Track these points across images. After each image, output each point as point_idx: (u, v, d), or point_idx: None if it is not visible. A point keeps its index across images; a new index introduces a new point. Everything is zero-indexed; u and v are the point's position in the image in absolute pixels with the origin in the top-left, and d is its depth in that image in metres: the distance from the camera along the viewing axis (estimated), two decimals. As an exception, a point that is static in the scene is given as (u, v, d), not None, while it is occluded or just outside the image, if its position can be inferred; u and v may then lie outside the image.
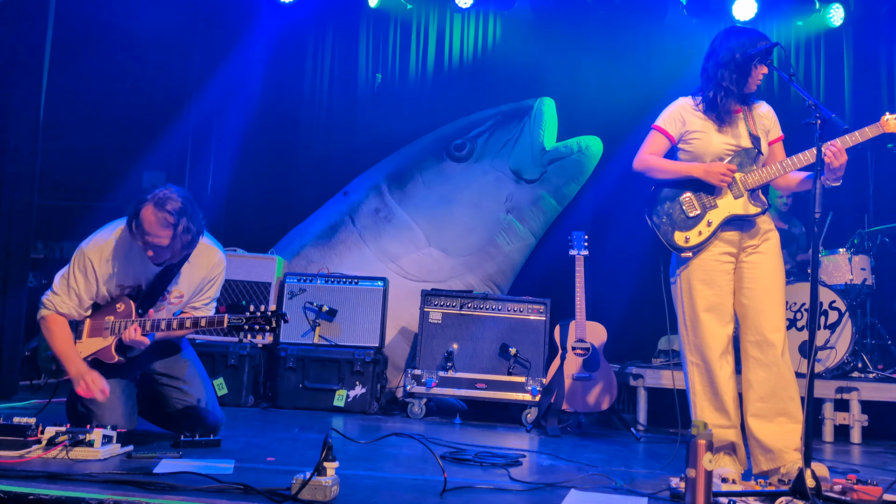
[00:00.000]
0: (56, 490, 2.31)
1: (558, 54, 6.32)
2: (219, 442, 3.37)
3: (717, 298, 3.19)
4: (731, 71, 3.17)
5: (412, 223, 6.38)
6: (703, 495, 2.41)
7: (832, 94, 6.10)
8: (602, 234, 5.51)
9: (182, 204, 3.15)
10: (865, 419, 4.86)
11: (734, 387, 3.21)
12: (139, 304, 3.29)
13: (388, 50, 6.56)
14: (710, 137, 3.23)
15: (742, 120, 3.26)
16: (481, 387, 4.96)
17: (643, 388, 5.18)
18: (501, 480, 2.95)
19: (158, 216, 3.09)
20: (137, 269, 3.31)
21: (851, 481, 2.77)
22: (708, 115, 3.25)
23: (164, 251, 3.16)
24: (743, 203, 3.20)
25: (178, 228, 3.12)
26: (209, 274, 3.44)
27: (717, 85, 3.21)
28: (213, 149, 6.38)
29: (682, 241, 3.23)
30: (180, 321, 3.20)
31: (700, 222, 3.22)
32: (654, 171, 3.30)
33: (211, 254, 3.44)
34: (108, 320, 3.28)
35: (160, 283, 3.34)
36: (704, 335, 3.19)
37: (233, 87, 6.30)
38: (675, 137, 3.31)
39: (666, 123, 3.32)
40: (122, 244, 3.28)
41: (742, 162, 3.22)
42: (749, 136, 3.24)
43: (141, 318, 3.21)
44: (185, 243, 3.19)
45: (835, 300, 5.12)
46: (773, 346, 3.12)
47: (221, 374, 5.05)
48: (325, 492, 2.38)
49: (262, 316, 3.12)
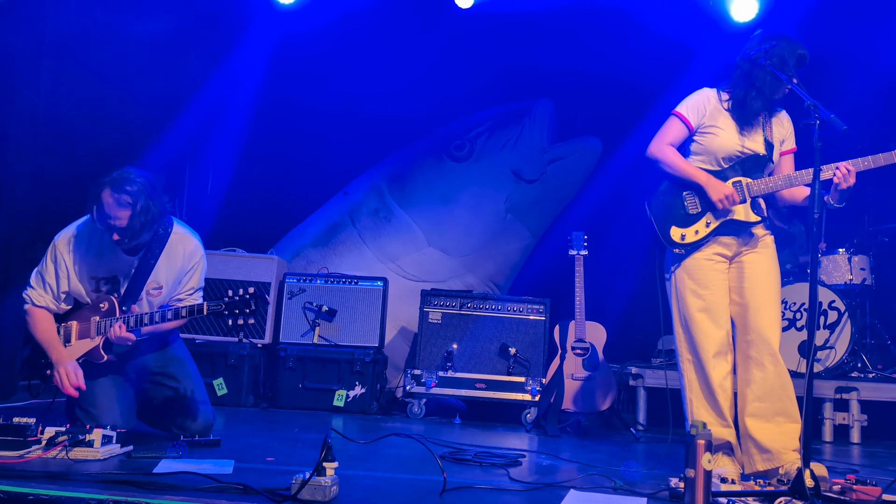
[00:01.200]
0: (56, 490, 2.31)
1: (558, 54, 6.32)
2: (219, 442, 3.38)
3: (712, 298, 3.19)
4: (767, 73, 3.11)
5: (412, 223, 6.38)
6: (703, 495, 2.41)
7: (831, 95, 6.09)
8: (602, 234, 5.51)
9: (140, 185, 3.17)
10: (865, 419, 4.86)
11: (729, 387, 3.20)
12: (121, 300, 3.30)
13: (388, 50, 6.55)
14: (726, 136, 3.21)
15: (761, 125, 3.24)
16: (481, 387, 4.96)
17: (643, 388, 5.18)
18: (501, 480, 2.95)
19: (115, 196, 3.13)
20: (109, 259, 3.32)
21: (850, 481, 2.77)
22: (732, 112, 3.22)
23: (125, 232, 3.17)
24: (744, 209, 3.19)
25: (136, 208, 3.14)
26: (187, 263, 3.44)
27: (748, 85, 3.16)
28: (212, 149, 6.38)
29: (678, 237, 3.22)
30: (162, 313, 3.23)
31: (699, 221, 3.21)
32: (666, 164, 3.27)
33: (187, 242, 3.44)
34: (94, 321, 3.30)
35: (138, 277, 3.34)
36: (698, 335, 3.19)
37: (232, 87, 6.30)
38: (694, 127, 3.27)
39: (688, 111, 3.27)
40: (88, 233, 3.31)
41: (751, 168, 3.20)
42: (764, 143, 3.22)
43: (124, 315, 3.23)
44: (144, 223, 3.19)
45: (834, 300, 5.12)
46: (769, 345, 3.11)
47: (221, 374, 5.05)
48: (325, 492, 2.38)
49: (240, 300, 3.14)
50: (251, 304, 3.17)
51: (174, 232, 3.39)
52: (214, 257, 5.42)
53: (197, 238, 3.50)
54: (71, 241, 3.31)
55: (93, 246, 3.31)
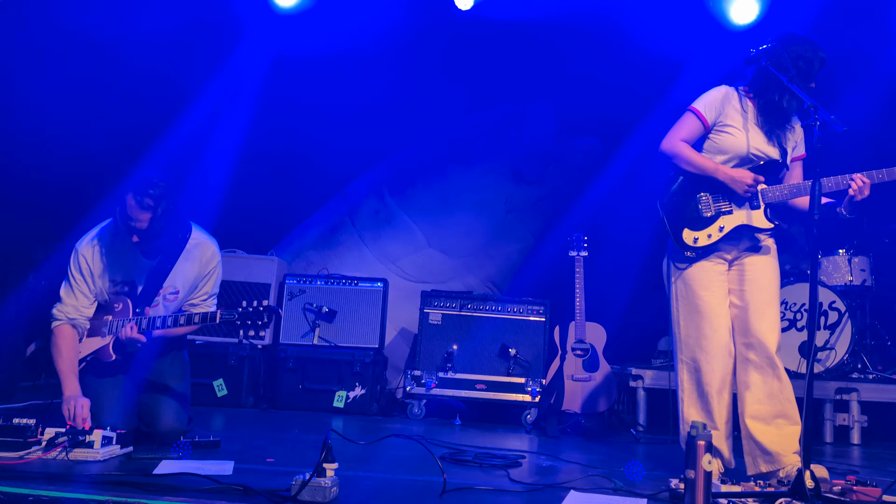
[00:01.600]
0: (56, 491, 2.31)
1: (558, 54, 6.32)
2: (219, 443, 3.38)
3: (710, 300, 3.17)
4: (803, 79, 3.07)
5: (412, 224, 6.38)
6: (703, 496, 2.41)
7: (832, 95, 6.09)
8: (602, 235, 5.51)
9: (162, 188, 3.20)
10: (865, 420, 4.86)
11: (725, 389, 3.16)
12: (136, 302, 3.31)
13: (389, 51, 6.55)
14: (744, 137, 3.15)
15: (779, 130, 3.20)
16: (481, 388, 4.96)
17: (643, 389, 5.18)
18: (501, 482, 2.96)
19: (138, 199, 3.16)
20: (129, 262, 3.34)
21: (851, 482, 2.77)
22: (762, 115, 3.15)
23: (145, 234, 3.20)
24: (758, 215, 3.15)
25: (158, 211, 3.18)
26: (203, 269, 3.46)
27: (783, 89, 3.06)
28: (213, 149, 6.37)
29: (691, 240, 3.17)
30: (175, 318, 3.23)
31: (712, 225, 3.16)
32: (681, 159, 3.19)
33: (205, 248, 3.47)
34: (107, 320, 3.32)
35: (155, 280, 3.36)
36: (695, 336, 3.18)
37: (233, 87, 6.29)
38: (710, 124, 3.19)
39: (706, 108, 3.20)
40: (110, 236, 3.33)
41: (766, 174, 3.15)
42: (779, 149, 3.19)
43: (137, 317, 3.24)
44: (165, 226, 3.23)
45: (835, 301, 5.12)
46: (768, 348, 3.10)
47: (221, 375, 5.05)
48: (325, 493, 2.38)
49: (254, 311, 3.14)
50: (264, 316, 3.16)
51: (192, 237, 3.41)
52: (214, 258, 5.43)
53: (215, 244, 3.53)
54: (94, 246, 3.34)
55: (114, 249, 3.34)
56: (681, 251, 3.20)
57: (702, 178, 3.18)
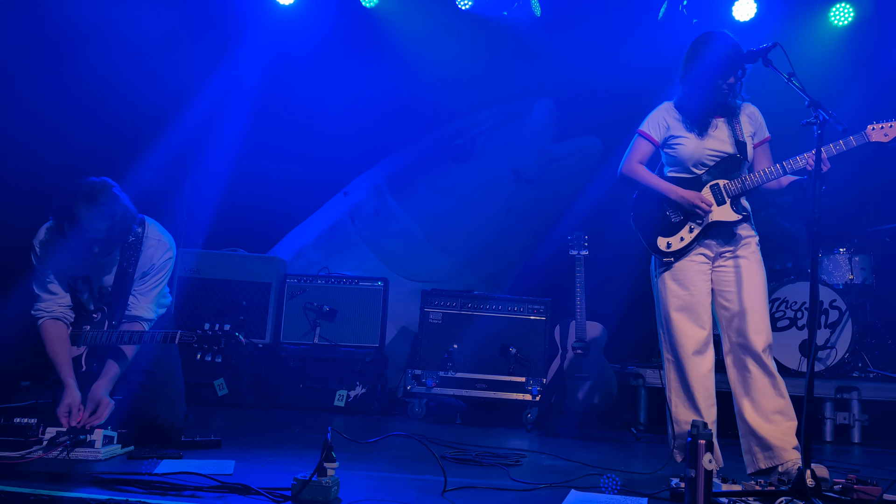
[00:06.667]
0: (57, 491, 2.31)
1: (558, 54, 6.31)
2: (219, 442, 3.38)
3: (692, 298, 3.24)
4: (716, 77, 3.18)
5: (412, 223, 6.39)
6: (703, 495, 2.41)
7: (832, 95, 6.08)
8: (602, 234, 5.50)
9: (113, 194, 3.14)
10: (865, 419, 4.86)
11: (710, 385, 3.24)
12: (109, 315, 3.30)
13: (388, 50, 6.55)
14: (693, 143, 3.28)
15: (727, 125, 3.29)
16: (481, 387, 4.96)
17: (643, 387, 5.18)
18: (501, 480, 2.96)
19: (96, 210, 3.08)
20: (80, 258, 3.25)
21: (851, 481, 2.77)
22: (683, 121, 3.30)
23: (104, 243, 3.14)
24: (725, 210, 3.24)
25: (117, 218, 3.12)
26: (156, 263, 3.38)
27: (692, 92, 3.26)
28: (213, 148, 6.37)
29: (664, 245, 3.29)
30: (132, 336, 3.19)
31: (683, 228, 3.28)
32: (637, 183, 3.39)
33: (162, 249, 3.39)
34: (85, 329, 3.31)
35: (121, 287, 3.31)
36: (677, 334, 3.25)
37: (233, 86, 6.29)
38: (659, 141, 3.37)
39: (649, 128, 3.39)
40: (54, 235, 3.24)
41: (727, 169, 3.26)
42: (734, 143, 3.27)
43: (110, 331, 3.23)
44: (123, 231, 3.18)
45: (835, 299, 5.12)
46: (756, 348, 3.13)
47: (222, 374, 5.05)
48: (326, 492, 2.38)
49: (212, 335, 3.10)
50: (221, 342, 3.10)
51: (147, 235, 3.35)
52: (215, 257, 5.43)
53: (170, 242, 3.45)
54: (44, 243, 3.29)
55: (64, 246, 3.25)
56: (660, 257, 3.31)
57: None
